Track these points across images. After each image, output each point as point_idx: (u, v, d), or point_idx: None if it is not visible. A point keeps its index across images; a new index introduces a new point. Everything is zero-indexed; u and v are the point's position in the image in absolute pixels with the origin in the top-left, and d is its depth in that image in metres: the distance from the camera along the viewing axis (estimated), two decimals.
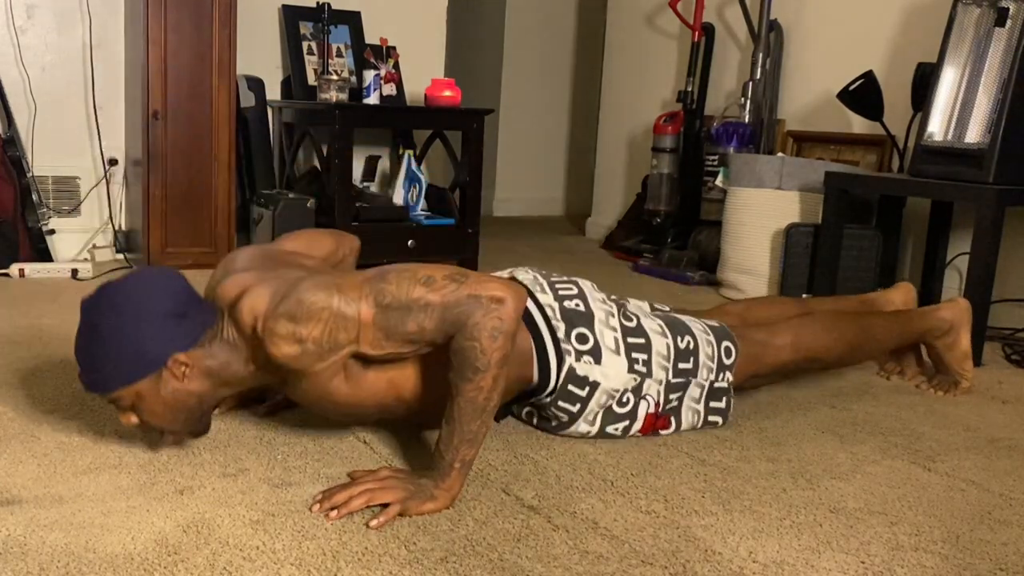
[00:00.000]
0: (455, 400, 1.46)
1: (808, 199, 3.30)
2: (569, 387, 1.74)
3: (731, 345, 1.92)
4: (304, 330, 1.46)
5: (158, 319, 1.49)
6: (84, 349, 1.51)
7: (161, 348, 1.49)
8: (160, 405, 1.54)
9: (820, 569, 1.35)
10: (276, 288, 1.50)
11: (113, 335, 1.48)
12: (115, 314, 1.48)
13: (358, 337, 1.48)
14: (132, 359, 1.48)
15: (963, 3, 2.80)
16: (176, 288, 1.53)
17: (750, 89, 3.86)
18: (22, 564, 1.25)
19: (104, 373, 1.50)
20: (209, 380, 1.55)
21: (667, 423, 1.87)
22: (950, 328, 2.23)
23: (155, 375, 1.51)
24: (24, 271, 3.25)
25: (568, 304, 1.77)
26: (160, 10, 3.31)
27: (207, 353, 1.54)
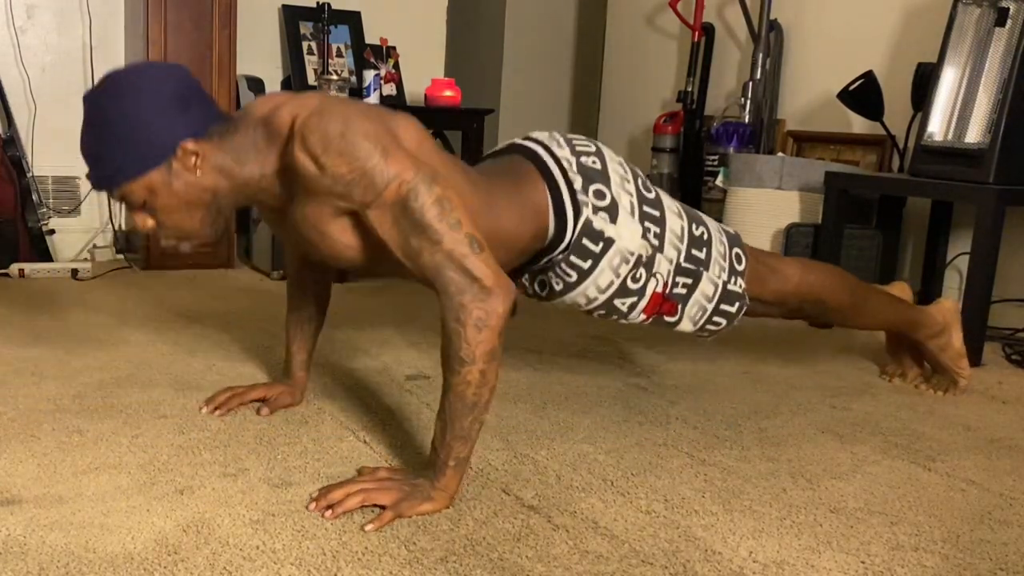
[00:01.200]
0: (445, 396, 1.46)
1: (808, 199, 3.30)
2: (584, 241, 1.71)
3: (741, 252, 1.90)
4: (329, 160, 1.42)
5: (164, 105, 1.45)
6: (90, 142, 1.47)
7: (169, 134, 1.45)
8: (174, 199, 1.49)
9: (820, 569, 1.35)
10: (330, 102, 1.46)
11: (119, 123, 1.44)
12: (119, 100, 1.44)
13: (371, 204, 1.45)
14: (142, 146, 1.44)
15: (963, 3, 2.80)
16: (181, 79, 1.49)
17: (750, 89, 3.86)
18: (22, 564, 1.25)
19: (113, 165, 1.46)
20: (223, 177, 1.51)
21: (673, 309, 1.83)
22: (942, 330, 2.24)
23: (166, 166, 1.47)
24: (24, 271, 3.25)
25: (585, 160, 1.74)
26: (160, 10, 3.31)
27: (218, 146, 1.49)
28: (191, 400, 1.95)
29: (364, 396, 2.06)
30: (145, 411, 1.89)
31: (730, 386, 2.27)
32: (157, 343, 2.42)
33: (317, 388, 2.08)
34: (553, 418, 1.96)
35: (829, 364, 2.52)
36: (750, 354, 2.58)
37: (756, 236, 3.38)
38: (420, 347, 2.50)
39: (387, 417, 1.92)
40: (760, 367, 2.46)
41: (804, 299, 2.02)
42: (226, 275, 3.45)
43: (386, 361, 2.35)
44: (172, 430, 1.78)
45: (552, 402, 2.07)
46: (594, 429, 1.90)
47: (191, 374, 2.15)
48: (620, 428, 1.92)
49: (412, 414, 1.94)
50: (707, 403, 2.13)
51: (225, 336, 2.52)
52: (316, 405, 1.97)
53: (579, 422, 1.94)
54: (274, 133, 1.49)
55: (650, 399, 2.14)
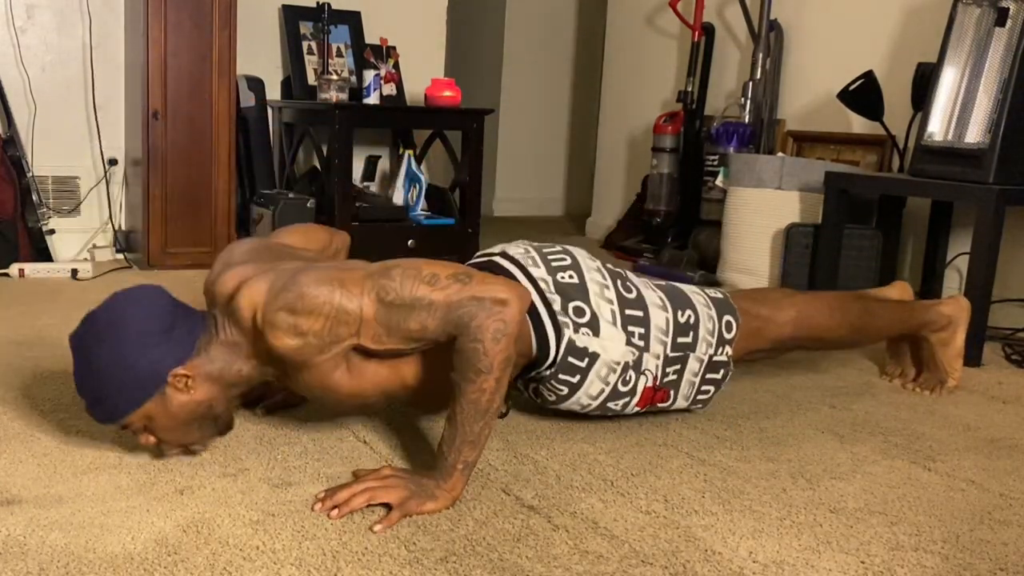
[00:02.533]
0: (457, 401, 1.46)
1: (808, 199, 3.30)
2: (569, 359, 1.73)
3: (732, 319, 1.91)
4: (305, 323, 1.45)
5: (147, 339, 1.48)
6: (84, 384, 1.51)
7: (157, 367, 1.48)
8: (171, 421, 1.53)
9: (820, 569, 1.35)
10: (274, 280, 1.50)
11: (107, 366, 1.47)
12: (104, 345, 1.47)
13: (359, 332, 1.48)
14: (132, 385, 1.48)
15: (963, 3, 2.80)
16: (158, 304, 1.53)
17: (750, 89, 3.86)
18: (22, 564, 1.25)
19: (109, 404, 1.50)
20: (215, 384, 1.55)
21: (665, 396, 1.86)
22: (948, 324, 2.23)
23: (159, 394, 1.50)
24: (24, 271, 3.25)
25: (562, 276, 1.76)
26: (160, 10, 3.31)
27: (205, 359, 1.53)
28: None
29: None
30: None
31: (730, 386, 2.27)
32: None
33: None
34: (553, 418, 1.96)
35: (829, 364, 2.52)
36: None
37: (756, 236, 3.38)
38: None
39: (387, 417, 1.92)
40: (760, 367, 2.46)
41: (802, 340, 2.04)
42: None
43: None
44: None
45: None
46: (594, 429, 1.90)
47: None
48: (620, 428, 1.92)
49: (412, 414, 1.94)
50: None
51: None
52: (316, 405, 1.97)
53: (579, 422, 1.94)
54: (242, 327, 1.52)
55: None
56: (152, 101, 3.34)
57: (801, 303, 2.03)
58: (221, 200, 3.48)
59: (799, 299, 2.04)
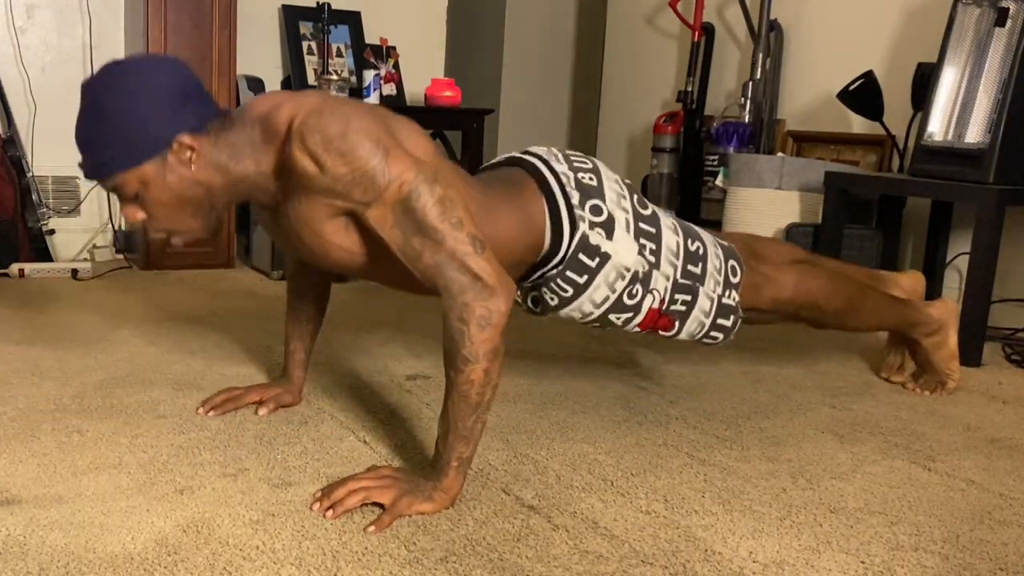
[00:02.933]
0: (449, 396, 1.46)
1: (808, 199, 3.30)
2: (580, 256, 1.71)
3: (737, 265, 1.90)
4: (329, 160, 1.41)
5: (163, 97, 1.44)
6: (85, 130, 1.46)
7: (166, 127, 1.45)
8: (166, 193, 1.48)
9: (820, 569, 1.35)
10: (330, 102, 1.45)
11: (116, 113, 1.43)
12: (118, 91, 1.43)
13: (371, 203, 1.44)
14: (136, 137, 1.44)
15: (963, 3, 2.80)
16: (180, 73, 1.48)
17: (750, 89, 3.86)
18: (22, 564, 1.25)
19: (107, 154, 1.45)
20: (217, 173, 1.50)
21: (670, 324, 1.83)
22: (939, 327, 2.23)
23: (160, 159, 1.46)
24: (24, 271, 3.25)
25: (582, 176, 1.75)
26: (160, 10, 3.31)
27: (214, 142, 1.49)
28: (191, 400, 1.95)
29: (364, 396, 2.06)
30: (145, 411, 1.89)
31: (730, 386, 2.27)
32: (157, 343, 2.42)
33: (317, 388, 2.08)
34: (553, 418, 1.96)
35: (829, 364, 2.52)
36: (750, 354, 2.58)
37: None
38: (420, 347, 2.50)
39: (387, 417, 1.92)
40: (760, 367, 2.46)
41: (800, 305, 2.02)
42: (226, 275, 3.45)
43: (386, 361, 2.35)
44: (172, 430, 1.78)
45: (552, 402, 2.07)
46: (594, 429, 1.90)
47: (191, 374, 2.15)
48: (620, 428, 1.92)
49: (412, 414, 1.94)
50: (707, 403, 2.13)
51: (225, 336, 2.52)
52: (316, 405, 1.97)
53: (579, 422, 1.94)
54: (272, 131, 1.48)
55: (650, 399, 2.14)
56: None
57: (802, 268, 2.03)
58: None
59: (801, 265, 2.04)
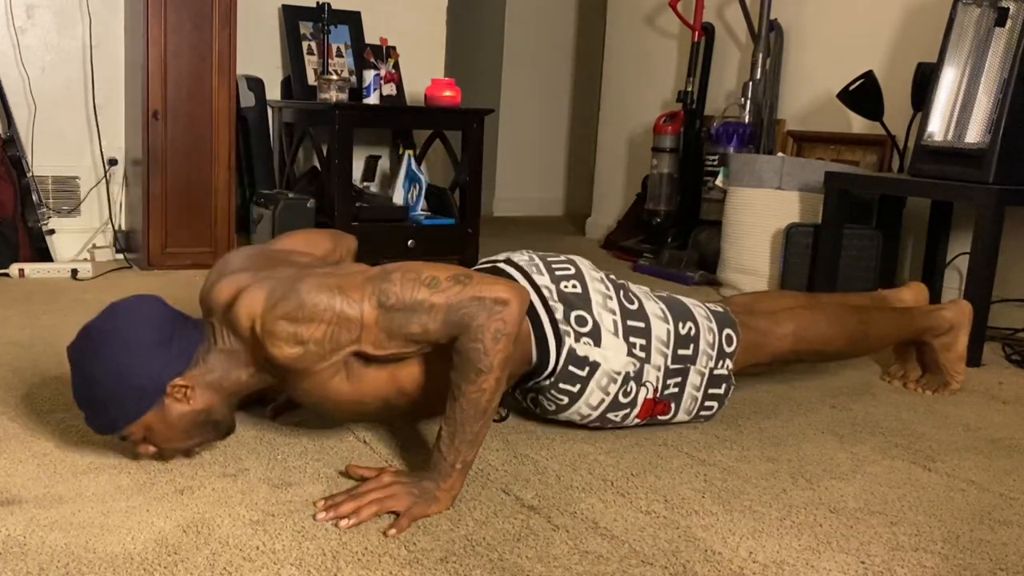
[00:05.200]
0: (457, 401, 1.46)
1: (808, 199, 3.30)
2: (569, 368, 1.73)
3: (732, 333, 1.91)
4: (306, 331, 1.45)
5: (146, 351, 1.48)
6: (82, 397, 1.51)
7: (156, 378, 1.48)
8: (171, 430, 1.53)
9: (820, 569, 1.35)
10: (272, 288, 1.49)
11: (105, 379, 1.47)
12: (101, 358, 1.47)
13: (360, 337, 1.48)
14: (131, 396, 1.47)
15: (963, 3, 2.80)
16: (156, 315, 1.52)
17: (750, 89, 3.86)
18: (22, 564, 1.25)
19: (108, 416, 1.50)
20: (214, 393, 1.54)
21: (666, 408, 1.86)
22: (950, 328, 2.23)
23: (158, 405, 1.50)
24: (24, 271, 3.25)
25: (565, 286, 1.76)
26: (160, 10, 3.31)
27: (204, 369, 1.53)
28: None
29: None
30: None
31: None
32: None
33: None
34: (552, 419, 1.96)
35: (830, 364, 2.52)
36: None
37: (756, 236, 3.38)
38: None
39: (385, 421, 1.92)
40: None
41: (801, 354, 2.04)
42: None
43: None
44: None
45: None
46: (594, 430, 1.90)
47: None
48: (620, 428, 1.92)
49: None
50: None
51: None
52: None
53: (578, 423, 1.94)
54: (241, 336, 1.52)
55: None
56: (152, 101, 3.34)
57: (800, 316, 2.03)
58: (221, 200, 3.48)
59: (798, 312, 2.04)
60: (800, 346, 2.01)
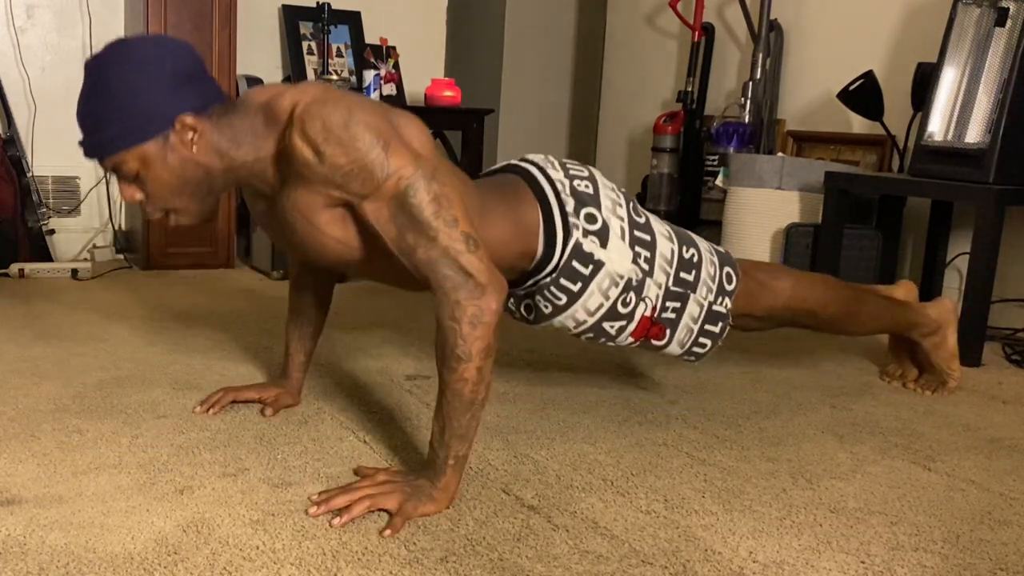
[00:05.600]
0: (443, 394, 1.46)
1: (808, 199, 3.30)
2: (573, 263, 1.71)
3: (732, 272, 1.91)
4: (329, 149, 1.41)
5: (167, 77, 1.44)
6: (88, 108, 1.46)
7: (169, 107, 1.44)
8: (166, 173, 1.48)
9: (820, 569, 1.35)
10: (334, 95, 1.45)
11: (120, 91, 1.42)
12: (123, 69, 1.43)
13: (368, 197, 1.44)
14: (139, 116, 1.43)
15: (963, 3, 2.80)
16: (187, 52, 1.48)
17: (750, 89, 3.86)
18: (22, 564, 1.25)
19: (109, 132, 1.45)
20: (217, 156, 1.50)
21: (661, 333, 1.84)
22: (937, 328, 2.24)
23: (162, 138, 1.45)
24: (24, 271, 3.25)
25: (578, 184, 1.75)
26: (160, 10, 3.31)
27: (216, 125, 1.48)
28: (191, 400, 1.95)
29: (364, 396, 2.06)
30: (145, 411, 1.89)
31: (730, 386, 2.27)
32: (157, 343, 2.42)
33: (317, 388, 2.08)
34: (553, 418, 1.96)
35: (829, 364, 2.52)
36: (750, 354, 2.58)
37: (756, 236, 3.38)
38: (420, 347, 2.50)
39: (387, 417, 1.92)
40: (760, 367, 2.46)
41: (796, 312, 2.03)
42: (226, 275, 3.45)
43: (386, 361, 2.35)
44: (172, 430, 1.78)
45: (552, 402, 2.07)
46: (594, 429, 1.90)
47: (191, 374, 2.15)
48: (620, 428, 1.92)
49: (412, 414, 1.94)
50: (707, 403, 2.13)
51: (225, 336, 2.52)
52: (316, 405, 1.97)
53: (579, 422, 1.94)
54: (273, 118, 1.48)
55: (650, 399, 2.14)
56: None
57: (799, 275, 2.04)
58: (221, 200, 3.48)
59: (797, 272, 2.06)
60: (795, 303, 2.00)
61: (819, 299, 2.03)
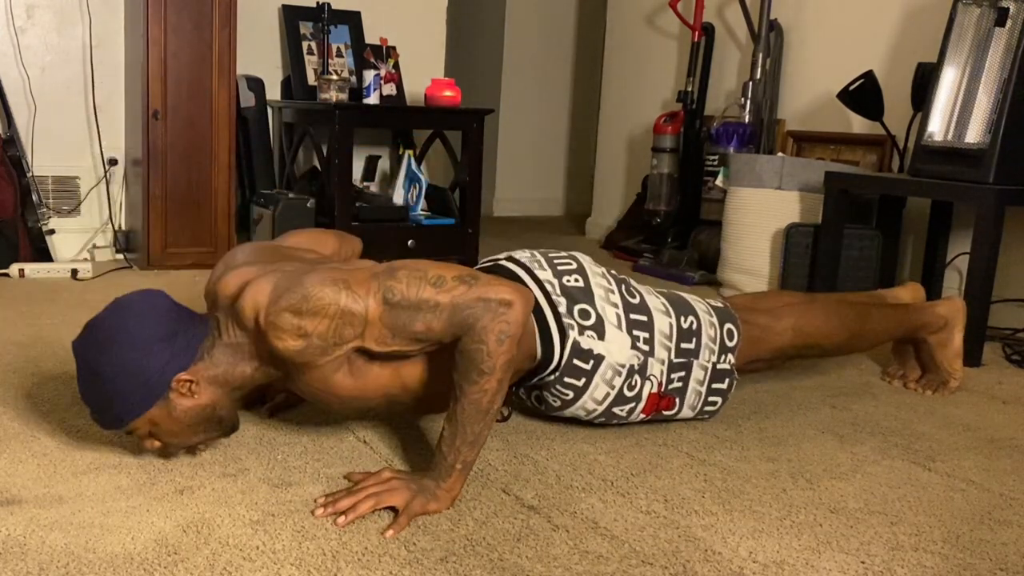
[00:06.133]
0: (459, 402, 1.46)
1: (808, 199, 3.30)
2: (574, 362, 1.72)
3: (733, 327, 1.92)
4: (309, 324, 1.45)
5: (150, 346, 1.48)
6: (88, 392, 1.51)
7: (161, 373, 1.48)
8: (176, 425, 1.53)
9: (820, 569, 1.35)
10: (278, 280, 1.49)
11: (111, 374, 1.47)
12: (107, 353, 1.47)
13: (364, 333, 1.48)
14: (136, 392, 1.48)
15: (963, 3, 2.80)
16: (161, 310, 1.52)
17: (750, 89, 3.86)
18: (22, 564, 1.26)
19: (113, 412, 1.50)
20: (218, 387, 1.55)
21: (671, 403, 1.86)
22: (945, 325, 2.24)
23: (163, 400, 1.50)
24: (24, 271, 3.25)
25: (568, 280, 1.76)
26: (160, 10, 3.31)
27: (209, 363, 1.53)
28: None
29: None
30: None
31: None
32: None
33: None
34: (553, 418, 1.96)
35: (829, 364, 2.52)
36: None
37: (756, 236, 3.38)
38: None
39: (387, 418, 1.92)
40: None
41: (802, 348, 2.05)
42: None
43: None
44: None
45: None
46: (594, 429, 1.90)
47: None
48: (620, 428, 1.92)
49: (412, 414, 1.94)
50: None
51: None
52: (317, 405, 1.97)
53: (579, 422, 1.94)
54: (245, 328, 1.52)
55: None
56: (152, 101, 3.34)
57: (799, 311, 2.04)
58: (221, 200, 3.48)
59: (798, 307, 2.05)
60: (799, 340, 2.01)
61: (823, 331, 2.04)
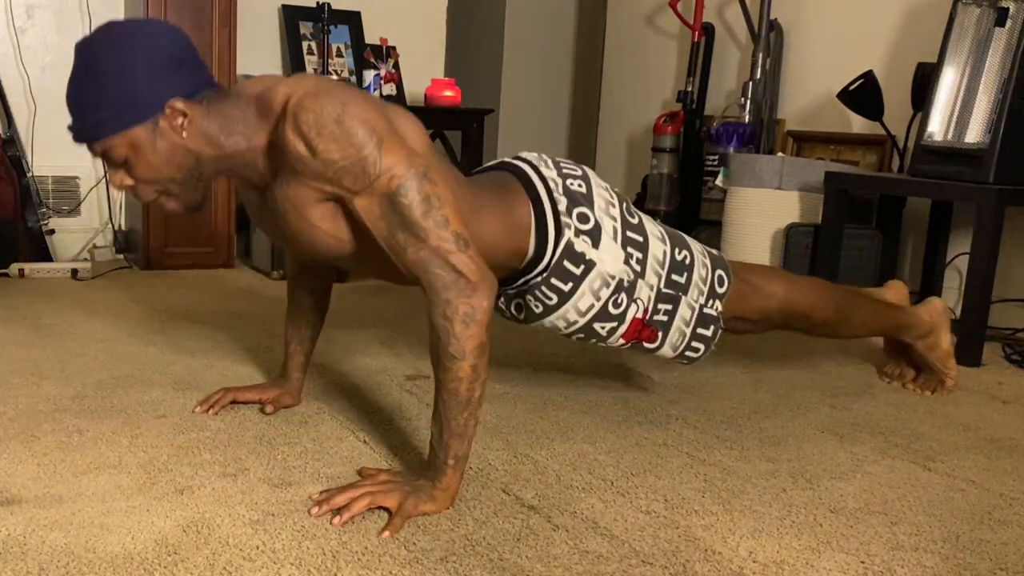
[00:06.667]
0: (439, 394, 1.46)
1: (808, 199, 3.30)
2: (564, 263, 1.70)
3: (724, 275, 1.90)
4: (322, 144, 1.40)
5: (158, 61, 1.42)
6: (78, 91, 1.44)
7: (159, 91, 1.43)
8: (155, 158, 1.46)
9: (820, 569, 1.35)
10: (330, 88, 1.43)
11: (111, 74, 1.41)
12: (114, 53, 1.41)
13: (360, 192, 1.43)
14: (129, 101, 1.42)
15: (963, 3, 2.80)
16: (179, 36, 1.47)
17: (750, 89, 3.86)
18: (22, 564, 1.25)
19: (98, 117, 1.43)
20: (207, 144, 1.48)
21: (653, 335, 1.83)
22: (930, 330, 2.23)
23: (151, 123, 1.44)
24: (24, 271, 3.25)
25: (571, 183, 1.74)
26: (160, 10, 3.31)
27: (207, 112, 1.47)
28: (191, 400, 1.95)
29: (364, 396, 2.06)
30: (145, 411, 1.89)
31: (730, 386, 2.27)
32: (157, 343, 2.42)
33: (317, 388, 2.08)
34: (553, 418, 1.96)
35: (829, 364, 2.52)
36: (750, 354, 2.58)
37: (756, 236, 3.38)
38: (420, 347, 2.50)
39: (387, 417, 1.92)
40: (760, 367, 2.46)
41: (788, 315, 2.03)
42: (226, 275, 3.45)
43: (386, 361, 2.35)
44: (172, 430, 1.78)
45: (552, 402, 2.07)
46: (594, 429, 1.90)
47: (191, 374, 2.15)
48: (620, 428, 1.92)
49: (412, 414, 1.94)
50: (707, 403, 2.13)
51: (225, 336, 2.52)
52: (316, 405, 1.97)
53: (579, 422, 1.94)
54: (266, 109, 1.47)
55: (650, 399, 2.14)
56: None
57: (792, 278, 2.04)
58: (221, 200, 3.48)
59: (790, 275, 2.06)
60: (788, 307, 2.00)
61: (812, 302, 2.03)
